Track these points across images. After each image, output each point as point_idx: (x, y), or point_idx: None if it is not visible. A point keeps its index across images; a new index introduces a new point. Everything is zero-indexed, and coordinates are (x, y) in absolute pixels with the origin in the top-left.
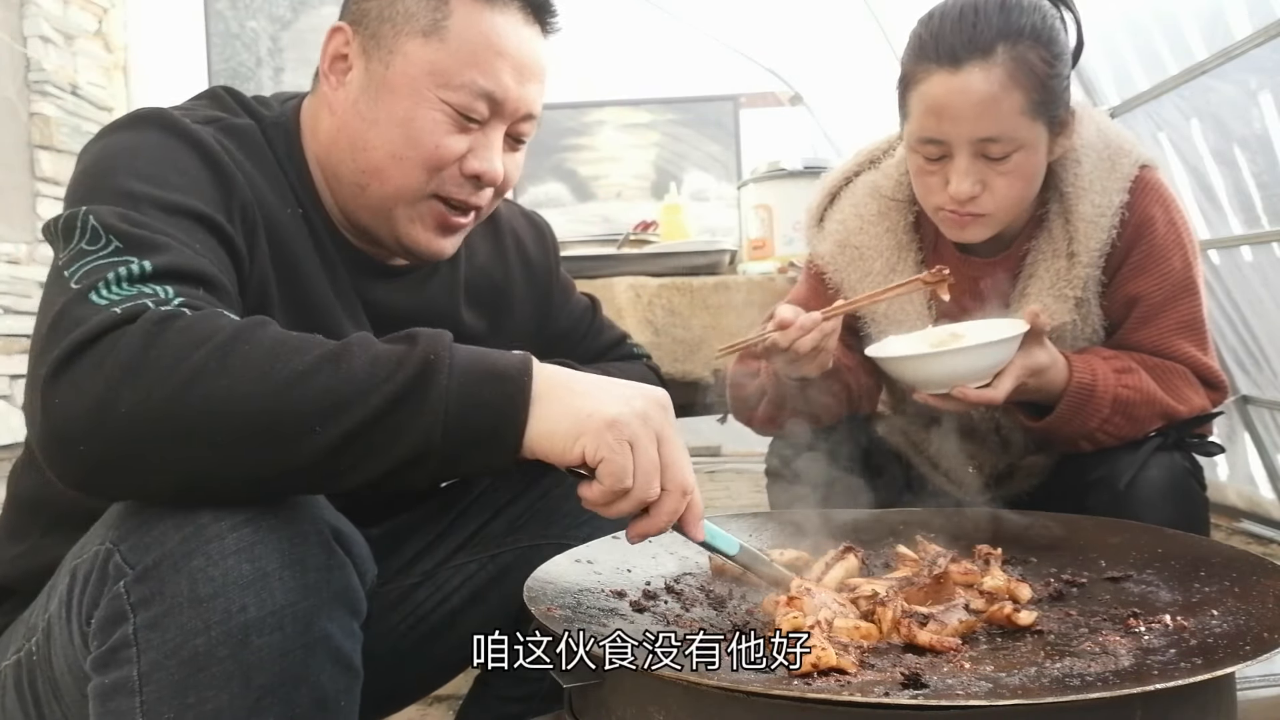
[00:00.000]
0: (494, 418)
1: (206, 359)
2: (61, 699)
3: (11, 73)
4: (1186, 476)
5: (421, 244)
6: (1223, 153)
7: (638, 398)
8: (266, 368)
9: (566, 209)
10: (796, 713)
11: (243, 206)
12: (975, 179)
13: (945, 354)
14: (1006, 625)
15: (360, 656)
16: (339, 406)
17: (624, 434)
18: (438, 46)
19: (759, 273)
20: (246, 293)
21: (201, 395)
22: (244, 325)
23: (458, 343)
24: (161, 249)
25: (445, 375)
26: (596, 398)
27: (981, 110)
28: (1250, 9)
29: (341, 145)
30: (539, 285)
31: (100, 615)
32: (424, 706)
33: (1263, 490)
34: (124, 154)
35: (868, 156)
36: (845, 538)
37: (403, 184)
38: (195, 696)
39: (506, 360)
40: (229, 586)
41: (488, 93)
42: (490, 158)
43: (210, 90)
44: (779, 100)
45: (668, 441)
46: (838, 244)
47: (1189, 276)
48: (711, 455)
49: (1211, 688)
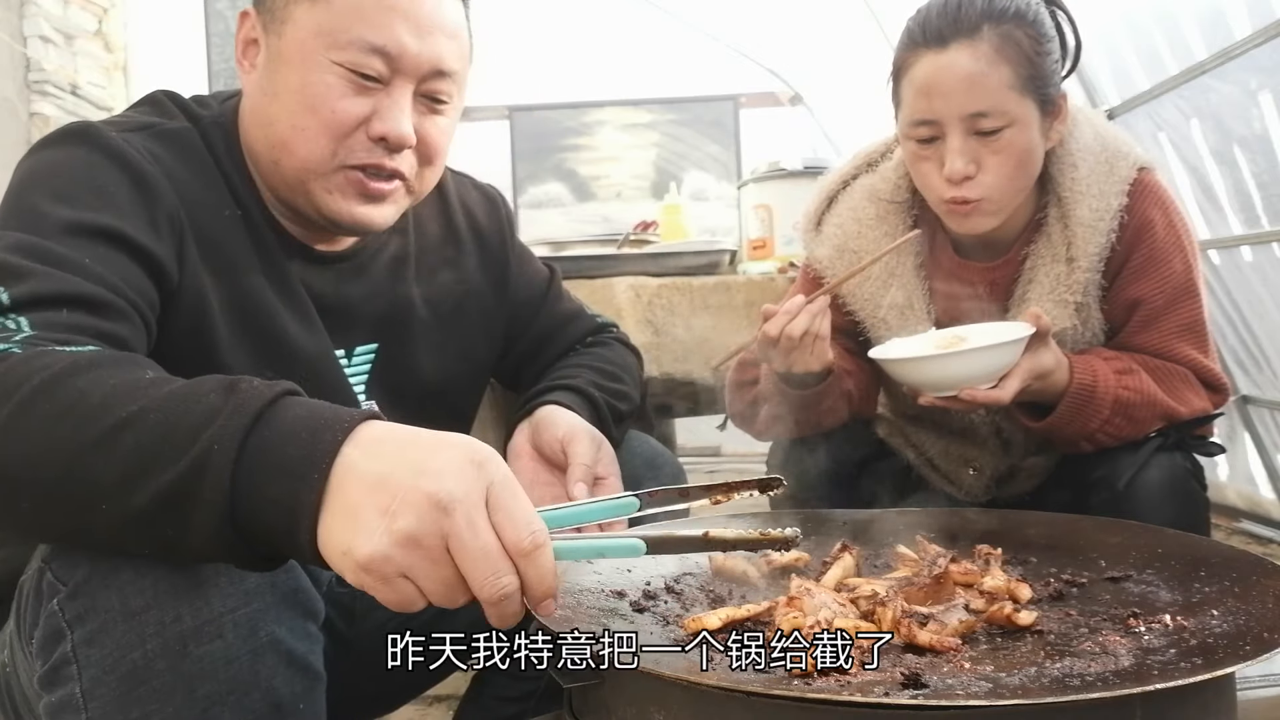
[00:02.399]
0: (280, 518)
1: (7, 418)
2: (33, 711)
3: (11, 73)
4: (1187, 477)
5: (345, 215)
6: (1223, 153)
7: (415, 499)
8: (60, 432)
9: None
10: (796, 713)
11: (169, 217)
12: (968, 158)
13: (952, 356)
14: (1006, 625)
15: (321, 658)
16: (122, 483)
17: (386, 571)
18: (324, 7)
19: (759, 273)
20: (178, 302)
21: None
22: (51, 377)
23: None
24: (27, 277)
25: (229, 466)
26: (364, 513)
27: (969, 84)
28: (1250, 9)
29: (254, 126)
30: (493, 256)
31: (40, 634)
32: (422, 706)
33: (1263, 490)
34: (45, 172)
35: (865, 159)
36: (845, 538)
37: (308, 155)
38: (139, 711)
39: (308, 445)
40: (161, 597)
41: (378, 47)
42: (396, 117)
43: (151, 95)
44: (779, 100)
45: (460, 548)
46: (835, 248)
47: (1189, 279)
48: (712, 455)
49: (1211, 688)
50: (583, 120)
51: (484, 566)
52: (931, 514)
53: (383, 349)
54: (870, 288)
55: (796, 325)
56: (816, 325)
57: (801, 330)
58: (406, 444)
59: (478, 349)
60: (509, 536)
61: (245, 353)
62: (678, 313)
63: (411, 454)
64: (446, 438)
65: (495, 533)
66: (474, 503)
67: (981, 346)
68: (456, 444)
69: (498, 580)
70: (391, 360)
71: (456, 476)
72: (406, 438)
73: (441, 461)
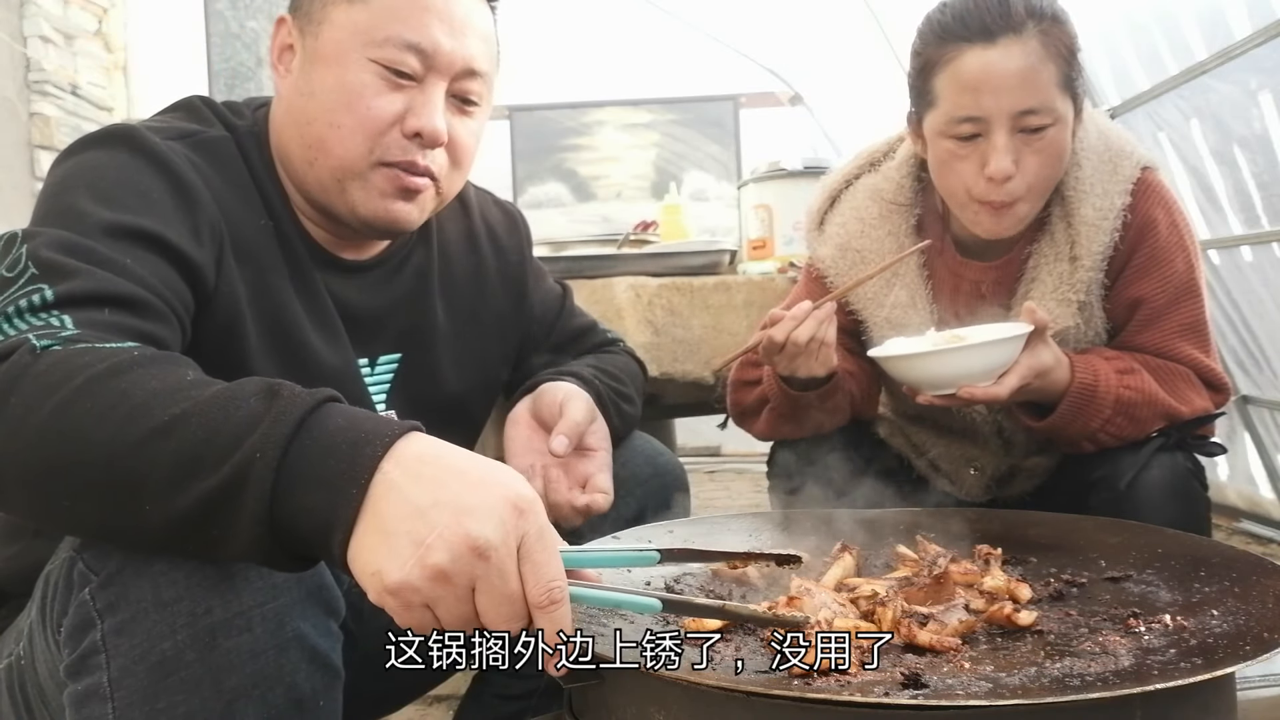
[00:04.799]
0: (315, 531)
1: (49, 415)
2: (48, 704)
3: (11, 73)
4: (1188, 477)
5: (380, 213)
6: (1223, 153)
7: (453, 539)
8: (103, 431)
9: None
10: (796, 713)
11: (210, 225)
12: (1014, 156)
13: (950, 353)
14: (1006, 625)
15: (341, 655)
16: (168, 485)
17: (411, 600)
18: (361, 8)
19: (759, 273)
20: (213, 307)
21: (41, 455)
22: (95, 375)
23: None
24: (72, 275)
25: (270, 475)
26: (399, 539)
27: (1022, 80)
28: (1250, 9)
29: (289, 126)
30: (512, 272)
31: (69, 623)
32: (423, 706)
33: (1263, 490)
34: (87, 173)
35: (867, 159)
36: (845, 538)
37: (344, 153)
38: (166, 701)
39: (348, 458)
40: (193, 588)
41: (414, 44)
42: (430, 114)
43: (185, 101)
44: (779, 100)
45: (487, 591)
46: (838, 247)
47: (1191, 279)
48: (712, 455)
49: (1211, 688)
50: (583, 120)
51: (505, 613)
52: (931, 514)
53: (406, 359)
54: (873, 287)
55: (803, 331)
56: (822, 331)
57: (808, 336)
58: (450, 472)
59: (493, 361)
60: (531, 590)
61: (271, 362)
62: (678, 313)
63: (455, 486)
64: (491, 472)
65: (521, 581)
66: (509, 551)
67: (979, 343)
68: (501, 483)
69: (513, 626)
70: (414, 370)
71: (498, 523)
72: (450, 463)
73: (485, 502)
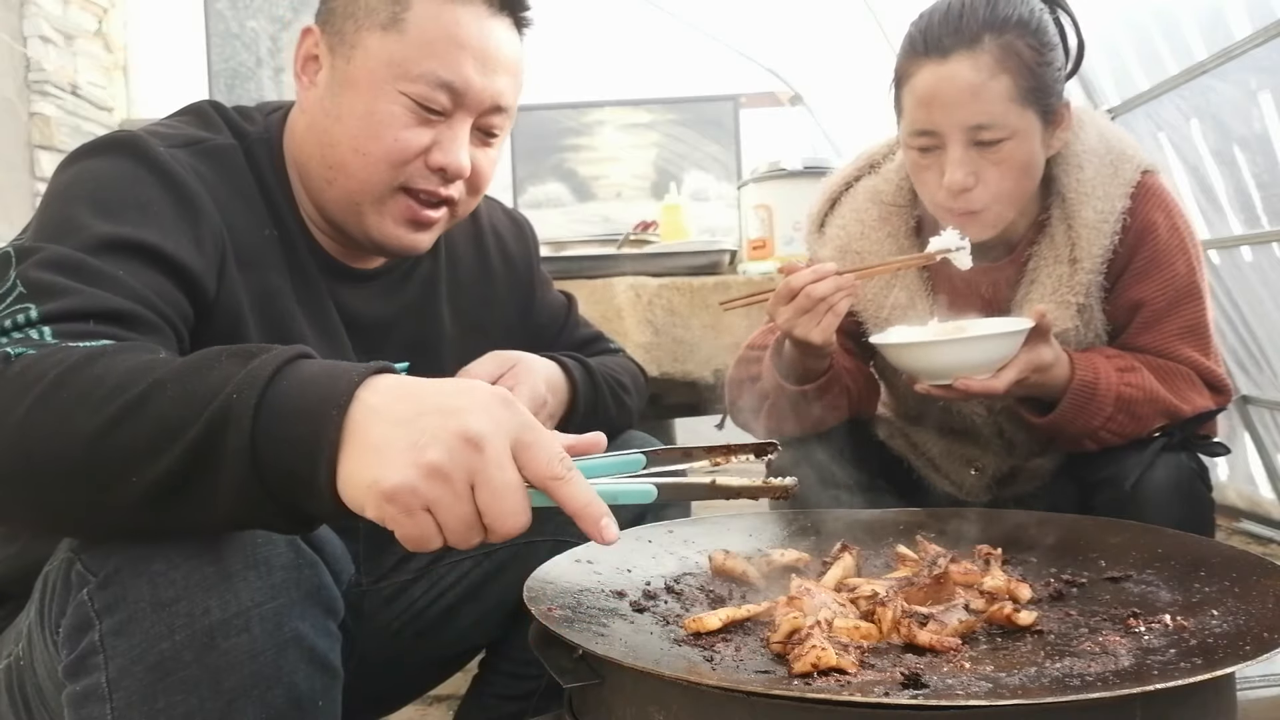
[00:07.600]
0: (300, 460)
1: (26, 413)
2: (47, 704)
3: (11, 73)
4: (1193, 477)
5: (392, 239)
6: (1223, 153)
7: (445, 436)
8: (81, 415)
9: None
10: (796, 713)
11: (213, 235)
12: (968, 169)
13: (950, 343)
14: (1006, 625)
15: (340, 656)
16: (150, 451)
17: (410, 503)
18: (396, 39)
19: (759, 273)
20: (214, 316)
21: (23, 450)
22: (67, 368)
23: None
24: (60, 294)
25: (249, 412)
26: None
27: (969, 96)
28: (1250, 9)
29: (310, 143)
30: (520, 281)
31: (67, 623)
32: (423, 706)
33: (1263, 490)
34: (88, 182)
35: (867, 161)
36: (845, 538)
37: (366, 179)
38: (165, 701)
39: (326, 388)
40: (191, 589)
41: (446, 83)
42: (455, 150)
43: (196, 106)
44: (779, 100)
45: (486, 483)
46: (839, 249)
47: (1192, 281)
48: None
49: (1211, 688)
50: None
51: (508, 505)
52: (931, 514)
53: (413, 367)
54: (874, 287)
55: (821, 287)
56: (837, 297)
57: (824, 294)
58: (427, 389)
59: None
60: (540, 469)
61: None
62: (678, 313)
63: (436, 396)
64: (466, 382)
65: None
66: (503, 442)
67: (980, 335)
68: (480, 386)
69: (517, 519)
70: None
71: (488, 416)
72: (424, 385)
73: (470, 401)
